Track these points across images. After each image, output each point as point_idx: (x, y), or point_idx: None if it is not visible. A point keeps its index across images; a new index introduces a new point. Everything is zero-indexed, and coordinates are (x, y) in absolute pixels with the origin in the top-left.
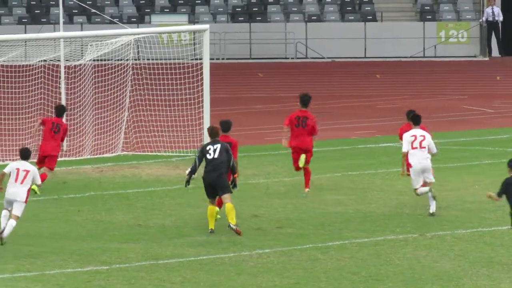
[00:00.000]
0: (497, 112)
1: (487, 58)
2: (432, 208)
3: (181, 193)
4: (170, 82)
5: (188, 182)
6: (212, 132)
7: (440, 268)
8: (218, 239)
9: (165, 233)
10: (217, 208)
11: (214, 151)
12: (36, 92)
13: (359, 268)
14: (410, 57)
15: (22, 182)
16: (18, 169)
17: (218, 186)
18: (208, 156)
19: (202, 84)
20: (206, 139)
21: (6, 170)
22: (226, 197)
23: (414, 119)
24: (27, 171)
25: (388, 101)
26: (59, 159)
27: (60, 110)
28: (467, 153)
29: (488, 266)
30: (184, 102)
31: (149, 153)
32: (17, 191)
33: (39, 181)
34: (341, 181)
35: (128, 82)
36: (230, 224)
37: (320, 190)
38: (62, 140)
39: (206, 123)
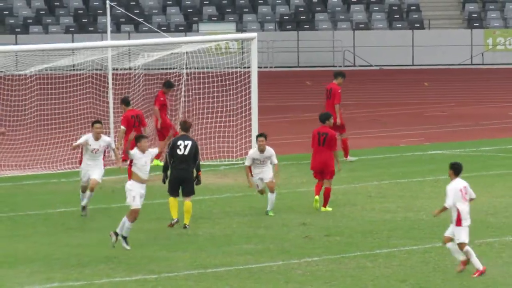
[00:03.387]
0: None
1: None
2: None
3: (229, 201)
4: (218, 90)
5: (164, 180)
6: (184, 126)
7: (488, 276)
8: (267, 248)
9: (213, 241)
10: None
11: (185, 147)
12: (84, 101)
13: (408, 276)
14: (458, 64)
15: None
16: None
17: (186, 183)
18: (178, 152)
19: (250, 93)
20: (254, 146)
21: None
22: (189, 197)
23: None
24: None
25: (436, 109)
26: (107, 167)
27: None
28: None
29: None
30: (232, 111)
31: None
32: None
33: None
34: (389, 189)
35: (178, 91)
36: (186, 225)
37: (368, 197)
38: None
39: (254, 132)
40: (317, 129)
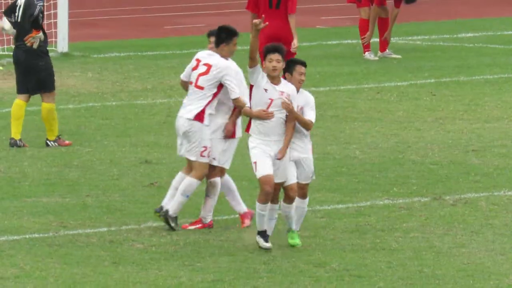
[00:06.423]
0: None
1: None
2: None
3: None
4: None
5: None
6: None
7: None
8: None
9: None
10: (22, 104)
11: (19, 8)
12: None
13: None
14: None
15: None
16: None
17: (35, 71)
18: (12, 19)
19: None
20: (61, 36)
21: None
22: (47, 95)
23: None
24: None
25: None
26: None
27: None
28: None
29: None
30: None
31: None
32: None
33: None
34: None
35: None
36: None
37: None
38: None
39: (63, 10)
40: None
